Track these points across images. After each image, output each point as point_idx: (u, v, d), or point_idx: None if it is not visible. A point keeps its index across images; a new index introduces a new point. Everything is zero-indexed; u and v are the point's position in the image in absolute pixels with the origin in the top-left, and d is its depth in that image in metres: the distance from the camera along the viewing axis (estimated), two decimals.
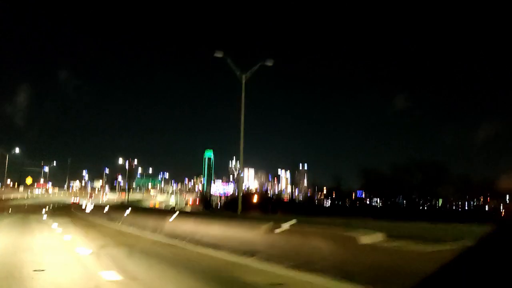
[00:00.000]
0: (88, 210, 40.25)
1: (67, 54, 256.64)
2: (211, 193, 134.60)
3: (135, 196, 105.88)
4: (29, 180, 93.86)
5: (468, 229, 7.83)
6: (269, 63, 27.08)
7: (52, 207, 55.15)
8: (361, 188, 63.00)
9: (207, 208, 79.34)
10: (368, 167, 62.09)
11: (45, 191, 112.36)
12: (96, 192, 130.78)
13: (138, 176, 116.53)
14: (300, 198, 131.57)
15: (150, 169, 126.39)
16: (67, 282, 6.62)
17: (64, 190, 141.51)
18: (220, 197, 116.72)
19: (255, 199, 65.20)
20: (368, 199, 69.51)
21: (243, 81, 26.70)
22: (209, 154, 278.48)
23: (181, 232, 13.16)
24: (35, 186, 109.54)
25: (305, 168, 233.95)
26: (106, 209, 29.93)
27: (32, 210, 41.50)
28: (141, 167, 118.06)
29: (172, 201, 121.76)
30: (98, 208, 39.06)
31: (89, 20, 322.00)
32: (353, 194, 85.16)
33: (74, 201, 78.10)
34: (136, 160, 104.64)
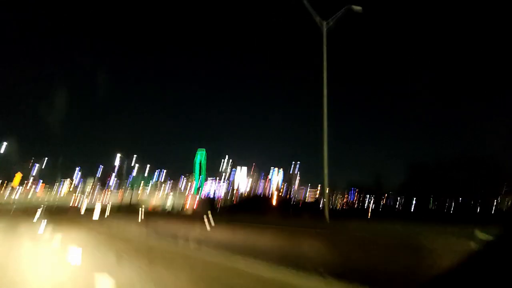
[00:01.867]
0: (95, 217, 30.13)
1: (63, 51, 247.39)
2: (203, 193, 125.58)
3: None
4: (18, 177, 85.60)
5: None
6: (357, 9, 21.09)
7: (46, 212, 45.27)
8: (403, 186, 55.22)
9: (213, 211, 72.01)
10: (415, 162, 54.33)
11: (30, 192, 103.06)
12: (88, 190, 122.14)
13: (133, 174, 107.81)
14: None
15: (148, 166, 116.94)
16: None
17: (55, 188, 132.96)
18: (218, 199, 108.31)
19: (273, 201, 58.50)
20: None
21: (324, 30, 20.61)
22: (201, 151, 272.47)
23: None
24: (24, 186, 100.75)
25: (297, 167, 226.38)
26: (141, 216, 21.21)
27: (21, 218, 29.88)
28: (138, 165, 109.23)
29: (169, 202, 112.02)
30: (120, 213, 28.74)
31: (86, 18, 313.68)
32: (346, 196, 77.99)
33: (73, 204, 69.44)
34: (134, 157, 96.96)
